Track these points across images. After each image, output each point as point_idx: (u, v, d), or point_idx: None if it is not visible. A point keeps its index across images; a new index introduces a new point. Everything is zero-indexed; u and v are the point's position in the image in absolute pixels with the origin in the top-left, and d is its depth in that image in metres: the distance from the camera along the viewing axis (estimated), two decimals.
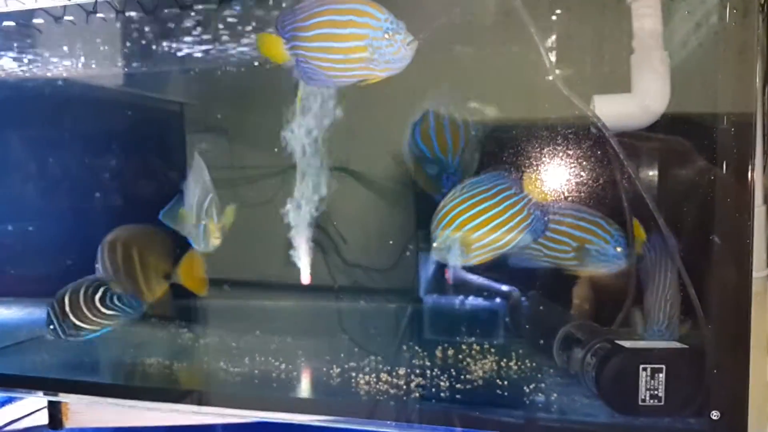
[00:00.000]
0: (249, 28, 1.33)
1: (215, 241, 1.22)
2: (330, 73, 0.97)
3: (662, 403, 0.92)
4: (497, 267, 1.23)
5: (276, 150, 1.38)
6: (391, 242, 1.45)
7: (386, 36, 0.91)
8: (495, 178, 1.09)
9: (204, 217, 1.22)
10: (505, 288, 1.30)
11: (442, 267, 1.38)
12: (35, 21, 1.25)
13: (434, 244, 1.12)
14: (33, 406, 1.50)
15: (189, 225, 1.24)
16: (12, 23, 1.30)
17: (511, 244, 1.07)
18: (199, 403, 1.14)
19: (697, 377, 0.91)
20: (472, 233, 1.08)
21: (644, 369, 0.92)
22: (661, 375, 0.92)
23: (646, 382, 0.92)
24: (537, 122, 1.13)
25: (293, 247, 1.39)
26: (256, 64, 1.42)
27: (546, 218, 1.07)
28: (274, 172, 1.49)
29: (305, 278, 1.35)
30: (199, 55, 1.42)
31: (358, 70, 0.95)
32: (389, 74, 0.94)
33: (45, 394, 1.24)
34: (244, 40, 1.36)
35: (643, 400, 0.93)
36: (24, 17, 1.26)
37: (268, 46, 1.01)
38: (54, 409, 1.44)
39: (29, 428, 1.48)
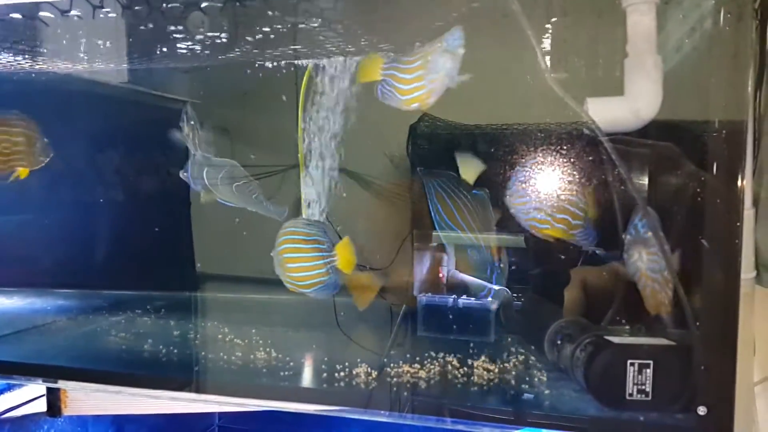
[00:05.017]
0: None
1: None
2: (402, 96, 1.02)
3: (649, 398, 0.94)
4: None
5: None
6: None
7: (439, 43, 0.97)
8: (313, 227, 1.23)
9: None
10: (496, 287, 1.32)
11: (436, 266, 1.41)
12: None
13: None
14: (32, 393, 1.51)
15: None
16: None
17: (308, 290, 1.20)
18: (198, 391, 1.16)
19: (685, 373, 0.93)
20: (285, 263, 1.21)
21: (632, 364, 0.94)
22: (648, 370, 0.94)
23: (633, 377, 0.94)
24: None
25: None
26: None
27: (337, 288, 1.21)
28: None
29: None
30: None
31: (418, 83, 1.00)
32: (435, 86, 0.99)
33: (44, 381, 1.26)
34: None
35: (631, 395, 0.94)
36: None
37: (369, 64, 1.06)
38: (53, 396, 1.45)
39: (28, 415, 1.49)
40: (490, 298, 1.27)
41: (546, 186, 1.10)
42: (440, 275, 1.41)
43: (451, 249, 1.40)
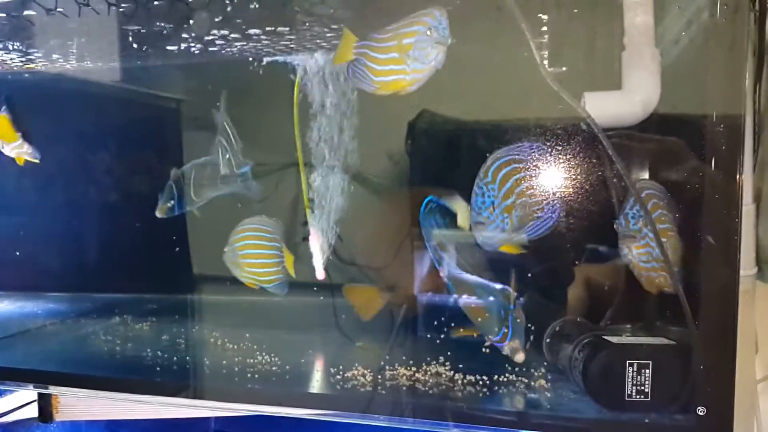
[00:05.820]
0: None
1: None
2: (375, 77, 0.99)
3: (648, 399, 0.93)
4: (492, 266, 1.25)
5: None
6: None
7: (428, 33, 0.93)
8: (264, 225, 1.28)
9: None
10: (498, 287, 1.30)
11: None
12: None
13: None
14: (23, 399, 1.50)
15: None
16: None
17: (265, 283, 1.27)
18: (192, 396, 1.15)
19: (684, 373, 0.92)
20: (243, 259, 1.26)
21: (631, 365, 0.92)
22: (647, 371, 0.92)
23: (632, 377, 0.93)
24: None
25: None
26: None
27: (285, 290, 1.28)
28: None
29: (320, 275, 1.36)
30: None
31: (396, 65, 0.97)
32: (415, 77, 0.96)
33: (35, 386, 1.24)
34: None
35: (630, 396, 0.93)
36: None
37: (345, 41, 1.02)
38: (44, 401, 1.44)
39: (19, 421, 1.48)
40: (506, 343, 1.10)
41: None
42: (441, 274, 1.40)
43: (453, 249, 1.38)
